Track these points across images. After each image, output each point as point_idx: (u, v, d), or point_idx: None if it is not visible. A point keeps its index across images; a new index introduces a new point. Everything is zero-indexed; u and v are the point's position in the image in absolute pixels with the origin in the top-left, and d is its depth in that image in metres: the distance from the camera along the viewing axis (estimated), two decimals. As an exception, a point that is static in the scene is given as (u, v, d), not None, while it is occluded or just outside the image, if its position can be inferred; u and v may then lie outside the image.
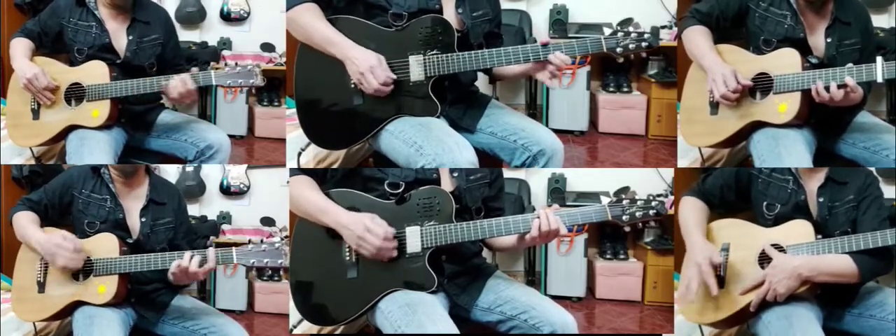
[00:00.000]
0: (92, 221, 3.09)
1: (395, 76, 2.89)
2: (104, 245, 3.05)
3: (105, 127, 3.25)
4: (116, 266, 3.01)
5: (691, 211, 3.09)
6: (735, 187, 3.09)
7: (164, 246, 3.11)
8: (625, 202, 2.76)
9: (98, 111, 3.23)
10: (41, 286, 3.10)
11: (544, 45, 2.86)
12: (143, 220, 3.11)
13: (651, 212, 2.75)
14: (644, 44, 2.88)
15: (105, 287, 3.02)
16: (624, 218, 2.75)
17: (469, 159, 2.81)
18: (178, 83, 3.14)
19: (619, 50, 2.88)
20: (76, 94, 3.26)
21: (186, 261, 2.91)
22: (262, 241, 2.97)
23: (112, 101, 3.22)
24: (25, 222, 3.10)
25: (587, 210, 2.77)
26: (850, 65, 2.90)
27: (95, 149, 3.19)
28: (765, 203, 3.00)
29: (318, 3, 2.95)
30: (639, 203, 2.75)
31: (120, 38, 3.29)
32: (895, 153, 3.03)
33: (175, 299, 3.17)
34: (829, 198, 2.93)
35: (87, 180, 3.14)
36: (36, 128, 3.31)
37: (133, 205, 3.13)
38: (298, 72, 3.04)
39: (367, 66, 2.86)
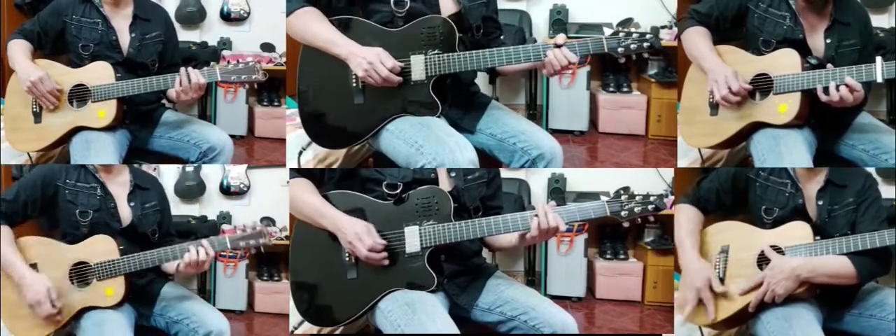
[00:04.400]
0: (84, 211, 3.07)
1: (402, 64, 2.89)
2: (101, 247, 3.02)
3: (110, 128, 3.25)
4: (120, 267, 2.99)
5: (686, 221, 3.09)
6: (732, 191, 3.08)
7: (154, 229, 3.14)
8: (623, 198, 2.76)
9: (104, 111, 3.23)
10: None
11: (558, 47, 2.85)
12: (132, 204, 3.12)
13: (650, 207, 2.75)
14: (646, 44, 2.87)
15: (112, 289, 3.00)
16: (622, 213, 2.75)
17: (470, 159, 2.82)
18: (192, 75, 3.13)
19: (620, 50, 2.88)
20: (79, 95, 3.25)
21: (194, 254, 2.93)
22: (245, 226, 3.00)
23: (118, 101, 3.22)
24: (7, 248, 3.01)
25: (586, 207, 2.77)
26: (845, 69, 2.90)
27: (101, 151, 3.19)
28: (763, 207, 2.99)
29: (317, 4, 2.96)
30: (637, 199, 2.75)
31: (123, 35, 3.30)
32: (895, 157, 3.03)
33: (163, 288, 3.14)
34: (828, 201, 2.93)
35: (70, 172, 3.12)
36: (38, 131, 3.30)
37: (120, 191, 3.13)
38: (301, 71, 3.04)
39: (374, 55, 2.86)
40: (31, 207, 3.09)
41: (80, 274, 3.02)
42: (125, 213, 3.12)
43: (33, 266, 3.01)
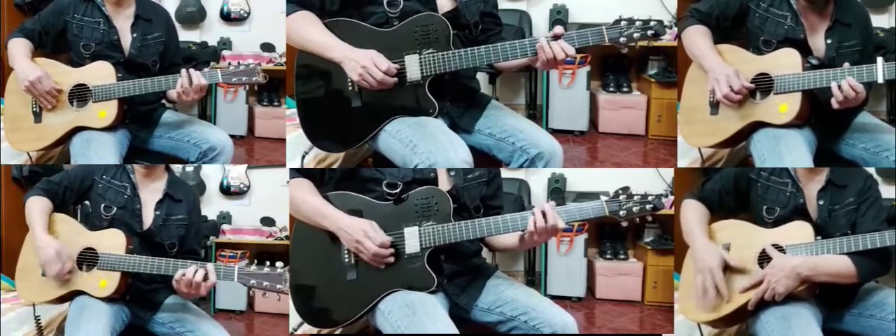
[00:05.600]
0: (108, 206, 3.11)
1: (397, 66, 2.88)
2: (111, 241, 3.05)
3: (110, 128, 3.25)
4: (121, 264, 3.02)
5: (693, 212, 3.09)
6: (734, 192, 3.08)
7: (174, 242, 3.13)
8: (622, 198, 2.75)
9: (105, 112, 3.23)
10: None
11: (556, 37, 2.84)
12: (157, 213, 3.13)
13: (648, 206, 2.74)
14: (650, 32, 2.83)
15: (107, 282, 3.03)
16: (621, 213, 2.74)
17: (463, 158, 2.81)
18: (194, 77, 3.14)
19: (622, 40, 2.84)
20: (80, 95, 3.26)
21: (191, 273, 2.91)
22: (267, 262, 2.95)
23: (119, 101, 3.23)
24: (35, 214, 3.09)
25: (584, 207, 2.76)
26: (847, 64, 2.90)
27: (101, 151, 3.20)
28: (764, 207, 2.99)
29: (310, 8, 2.95)
30: (636, 198, 2.75)
31: (125, 35, 3.31)
32: (895, 154, 3.03)
33: (168, 299, 3.17)
34: (829, 200, 2.93)
35: (109, 169, 3.17)
36: (38, 131, 3.30)
37: (150, 197, 3.15)
38: (297, 77, 3.03)
39: (367, 59, 2.85)
40: (68, 193, 3.16)
41: (86, 259, 3.06)
42: (148, 219, 3.13)
43: None
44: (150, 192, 3.16)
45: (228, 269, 2.93)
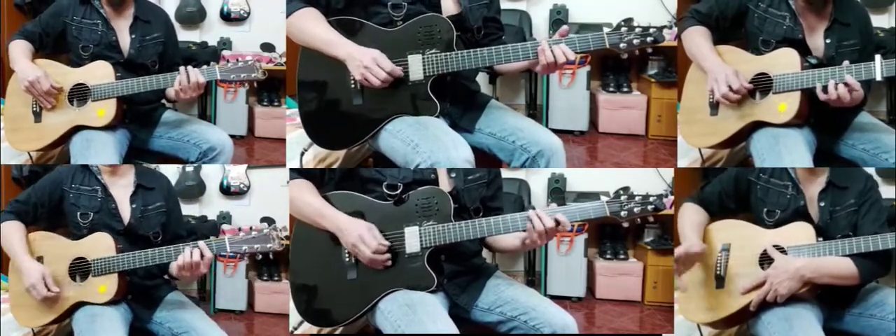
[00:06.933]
0: (85, 213, 3.11)
1: (401, 69, 2.88)
2: (100, 245, 3.06)
3: (110, 127, 3.26)
4: (114, 265, 3.03)
5: (689, 217, 3.09)
6: (734, 195, 3.08)
7: (158, 231, 3.14)
8: (623, 198, 2.75)
9: (104, 110, 3.24)
10: None
11: (561, 36, 2.83)
12: (134, 206, 3.14)
13: (650, 207, 2.74)
14: (649, 38, 2.84)
15: (105, 287, 3.04)
16: (622, 214, 2.75)
17: (465, 157, 2.81)
18: (191, 74, 3.14)
19: (622, 45, 2.85)
20: (80, 94, 3.26)
21: (188, 255, 2.93)
22: (251, 228, 2.99)
23: (118, 100, 3.24)
24: (11, 237, 3.11)
25: (585, 207, 2.76)
26: (846, 62, 2.90)
27: (101, 150, 3.21)
28: (765, 210, 3.00)
29: (316, 5, 2.95)
30: (637, 199, 2.75)
31: (123, 36, 3.32)
32: (895, 156, 3.03)
33: (169, 295, 3.18)
34: (830, 202, 2.93)
35: (76, 175, 3.17)
36: (38, 131, 3.31)
37: (122, 193, 3.16)
38: (300, 73, 3.04)
39: (369, 59, 2.85)
40: (40, 209, 3.16)
41: (78, 269, 3.06)
42: (126, 215, 3.13)
43: (40, 259, 3.10)
44: (121, 188, 3.16)
45: (220, 242, 2.97)
